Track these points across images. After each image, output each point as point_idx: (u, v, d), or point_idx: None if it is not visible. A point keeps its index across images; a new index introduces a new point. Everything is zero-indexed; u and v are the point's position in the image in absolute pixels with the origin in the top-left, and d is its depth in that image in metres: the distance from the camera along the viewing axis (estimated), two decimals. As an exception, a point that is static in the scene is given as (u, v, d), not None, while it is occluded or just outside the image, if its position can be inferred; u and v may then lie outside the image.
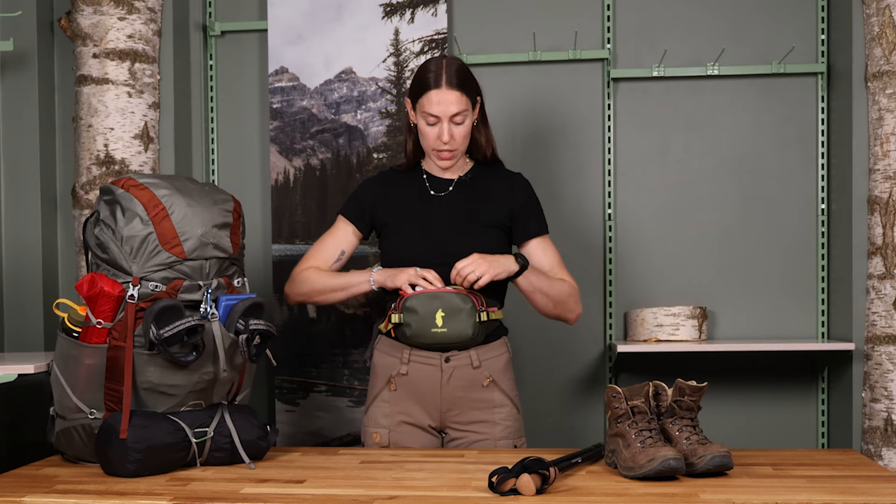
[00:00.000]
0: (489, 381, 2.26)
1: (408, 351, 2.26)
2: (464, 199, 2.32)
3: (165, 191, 1.93)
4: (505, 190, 2.34)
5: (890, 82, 2.83)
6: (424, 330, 2.18)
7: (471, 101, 2.27)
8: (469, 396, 2.26)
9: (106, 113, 2.92)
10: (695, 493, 1.65)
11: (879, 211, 2.86)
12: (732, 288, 3.18)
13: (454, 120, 2.25)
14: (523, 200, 2.35)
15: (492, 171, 2.38)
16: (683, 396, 1.86)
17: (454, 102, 2.23)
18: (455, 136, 2.26)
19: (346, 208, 2.40)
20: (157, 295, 1.90)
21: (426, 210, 2.31)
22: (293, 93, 3.24)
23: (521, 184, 2.37)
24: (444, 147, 2.26)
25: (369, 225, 2.38)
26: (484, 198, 2.32)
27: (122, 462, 1.82)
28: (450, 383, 2.25)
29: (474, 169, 2.37)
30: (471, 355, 2.25)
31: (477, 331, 2.19)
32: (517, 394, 2.33)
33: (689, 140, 3.20)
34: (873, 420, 2.87)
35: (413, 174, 2.38)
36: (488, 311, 2.20)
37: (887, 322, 2.84)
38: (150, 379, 1.89)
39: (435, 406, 2.27)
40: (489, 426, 2.26)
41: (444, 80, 2.23)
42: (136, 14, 2.94)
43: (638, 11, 3.20)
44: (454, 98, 2.23)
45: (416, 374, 2.26)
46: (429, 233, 2.29)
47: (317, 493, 1.70)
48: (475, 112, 2.31)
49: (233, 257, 2.02)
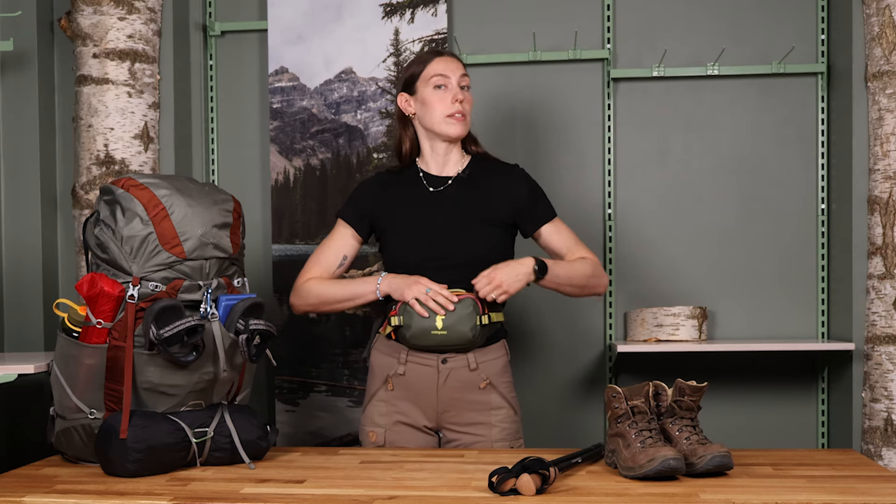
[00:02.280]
0: (486, 383, 2.26)
1: (405, 352, 2.25)
2: (463, 198, 2.31)
3: (165, 191, 1.93)
4: (505, 184, 2.33)
5: (890, 82, 2.83)
6: (424, 332, 2.17)
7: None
8: (465, 398, 2.26)
9: (106, 113, 2.92)
10: (695, 493, 1.65)
11: (879, 211, 2.86)
12: (732, 288, 3.18)
13: (462, 82, 2.29)
14: (526, 192, 2.34)
15: (489, 165, 2.37)
16: (683, 396, 1.86)
17: (461, 66, 2.31)
18: (466, 98, 2.29)
19: (345, 212, 2.38)
20: (157, 295, 1.90)
21: (425, 210, 2.30)
22: (293, 93, 3.24)
23: (519, 175, 2.37)
24: (458, 108, 2.27)
25: (368, 228, 2.36)
26: (483, 195, 2.31)
27: (122, 462, 1.82)
28: (446, 384, 2.25)
29: (471, 164, 2.36)
30: (468, 357, 2.25)
31: (477, 334, 2.18)
32: (515, 395, 2.32)
33: (689, 140, 3.20)
34: (873, 420, 2.87)
35: (409, 173, 2.36)
36: (489, 314, 2.20)
37: (887, 322, 2.84)
38: (150, 379, 1.89)
39: (431, 407, 2.26)
40: (486, 428, 2.26)
41: (447, 53, 2.33)
42: (136, 14, 2.94)
43: (638, 11, 3.20)
44: (459, 65, 2.31)
45: (413, 375, 2.26)
46: (429, 234, 2.27)
47: (317, 493, 1.70)
48: None
49: (233, 257, 2.02)
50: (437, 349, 2.22)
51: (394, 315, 2.21)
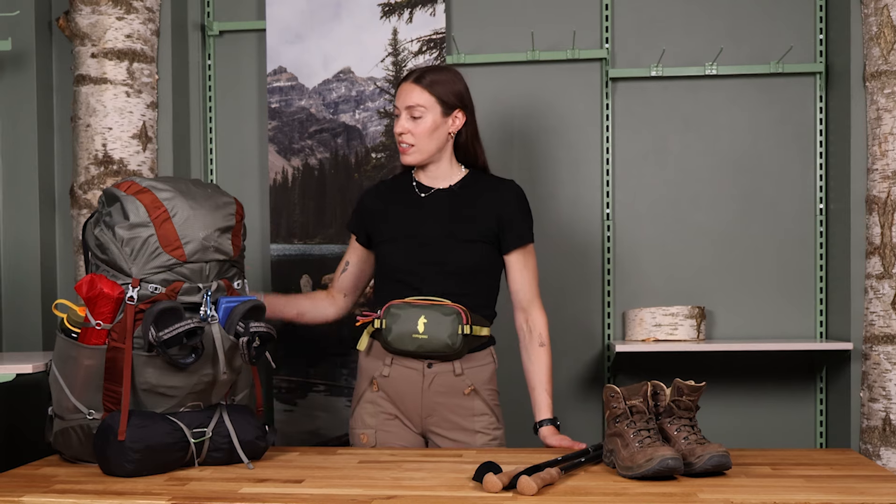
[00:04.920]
0: (471, 389, 2.26)
1: (391, 355, 2.27)
2: (449, 211, 2.30)
3: (168, 193, 1.93)
4: (493, 199, 2.32)
5: (888, 82, 2.83)
6: (405, 334, 2.19)
7: (440, 104, 2.27)
8: (449, 403, 2.26)
9: (104, 113, 2.92)
10: (693, 493, 1.65)
11: (878, 210, 2.86)
12: (731, 287, 3.18)
13: (411, 113, 2.27)
14: (511, 209, 2.32)
15: (482, 180, 2.36)
16: (682, 396, 1.86)
17: (412, 96, 2.27)
18: (412, 130, 2.27)
19: (350, 222, 2.46)
20: (157, 297, 1.90)
21: (414, 216, 2.32)
22: (291, 92, 3.24)
23: (510, 190, 2.35)
24: (400, 138, 2.29)
25: (366, 235, 2.41)
26: (470, 209, 2.30)
27: (120, 462, 1.82)
28: (430, 389, 2.25)
29: (465, 179, 2.36)
30: (454, 363, 2.25)
31: (458, 342, 2.18)
32: (498, 404, 2.33)
33: (688, 140, 3.20)
34: (871, 420, 2.87)
35: (404, 182, 2.39)
36: (473, 326, 2.21)
37: (885, 322, 2.84)
38: (148, 380, 1.89)
39: (416, 411, 2.27)
40: (469, 435, 2.26)
41: (413, 76, 2.29)
42: (134, 14, 2.94)
43: (636, 11, 3.20)
44: (414, 93, 2.27)
45: (398, 377, 2.26)
46: (417, 240, 2.29)
47: (315, 492, 1.70)
48: (449, 119, 2.29)
49: (233, 259, 2.02)
50: (417, 354, 2.22)
51: (377, 318, 2.23)
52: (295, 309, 2.49)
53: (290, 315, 2.48)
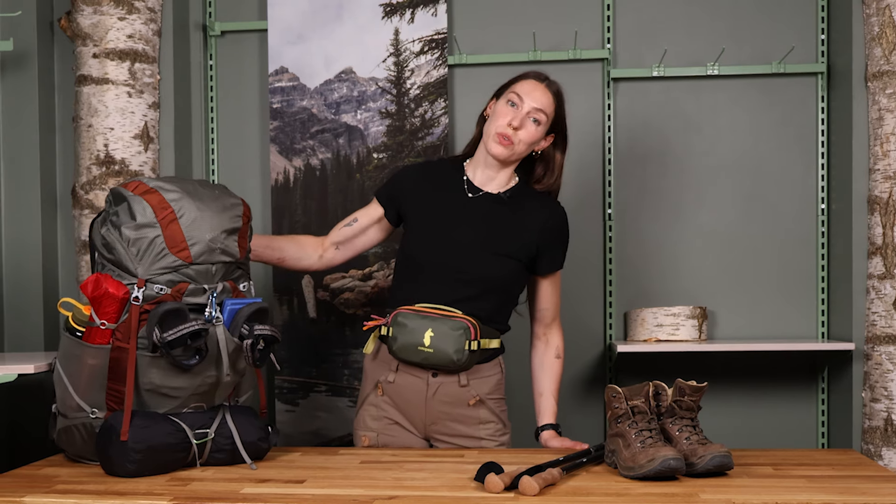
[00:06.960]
0: (476, 399, 2.24)
1: (396, 361, 2.25)
2: (490, 220, 2.24)
3: (175, 194, 1.93)
4: (538, 220, 2.25)
5: (890, 82, 2.83)
6: (411, 346, 2.16)
7: (552, 124, 2.24)
8: (454, 412, 2.24)
9: (106, 113, 2.92)
10: (695, 493, 1.65)
11: (879, 211, 2.86)
12: (732, 288, 3.18)
13: (533, 114, 2.19)
14: (554, 236, 2.27)
15: (530, 194, 2.29)
16: (683, 396, 1.86)
17: (543, 98, 2.20)
18: (525, 127, 2.19)
19: (379, 189, 2.39)
20: (162, 297, 1.90)
21: (455, 216, 2.25)
22: (293, 93, 3.24)
23: (557, 215, 2.29)
24: (506, 130, 2.18)
25: (396, 211, 2.34)
26: (511, 223, 2.24)
27: (123, 462, 1.82)
28: (435, 398, 2.23)
29: (515, 188, 2.29)
30: (459, 375, 2.22)
31: (463, 358, 2.15)
32: (505, 410, 2.31)
33: (689, 140, 3.20)
34: (873, 420, 2.87)
35: (455, 174, 2.31)
36: (480, 340, 2.17)
37: (887, 322, 2.84)
38: (152, 381, 1.89)
39: (420, 418, 2.25)
40: (474, 441, 2.25)
41: (546, 80, 2.24)
42: (136, 14, 2.94)
43: (638, 11, 3.20)
44: (545, 97, 2.21)
45: (403, 384, 2.25)
46: (449, 244, 2.23)
47: (317, 493, 1.70)
48: (544, 140, 2.26)
49: (239, 261, 2.02)
50: (422, 365, 2.20)
51: (384, 325, 2.21)
52: (278, 253, 2.40)
53: (272, 260, 2.40)
